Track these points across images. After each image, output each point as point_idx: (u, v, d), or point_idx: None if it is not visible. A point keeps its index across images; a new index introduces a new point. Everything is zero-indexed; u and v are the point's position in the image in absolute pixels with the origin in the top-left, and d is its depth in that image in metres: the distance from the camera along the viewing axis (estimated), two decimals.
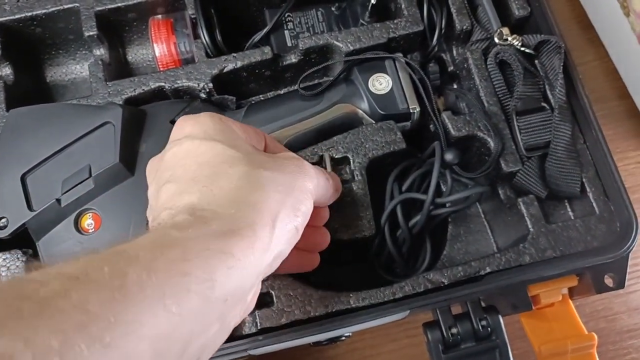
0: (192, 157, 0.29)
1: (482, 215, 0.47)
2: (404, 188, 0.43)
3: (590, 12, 0.58)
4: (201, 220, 0.25)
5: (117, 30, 0.48)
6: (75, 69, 0.50)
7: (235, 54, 0.43)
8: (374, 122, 0.43)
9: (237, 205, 0.26)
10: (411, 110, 0.43)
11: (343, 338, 0.41)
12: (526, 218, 0.39)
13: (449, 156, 0.41)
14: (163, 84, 0.43)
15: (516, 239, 0.41)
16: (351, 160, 0.41)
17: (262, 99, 0.47)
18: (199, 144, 0.29)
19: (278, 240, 0.27)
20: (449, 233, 0.46)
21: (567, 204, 0.42)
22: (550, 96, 0.42)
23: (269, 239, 0.27)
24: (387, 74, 0.44)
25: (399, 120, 0.43)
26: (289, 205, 0.28)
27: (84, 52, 0.49)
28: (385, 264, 0.43)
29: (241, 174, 0.28)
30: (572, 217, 0.42)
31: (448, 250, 0.46)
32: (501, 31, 0.42)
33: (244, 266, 0.25)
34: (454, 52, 0.46)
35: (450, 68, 0.47)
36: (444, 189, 0.45)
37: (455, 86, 0.47)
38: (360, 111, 0.43)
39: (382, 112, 0.42)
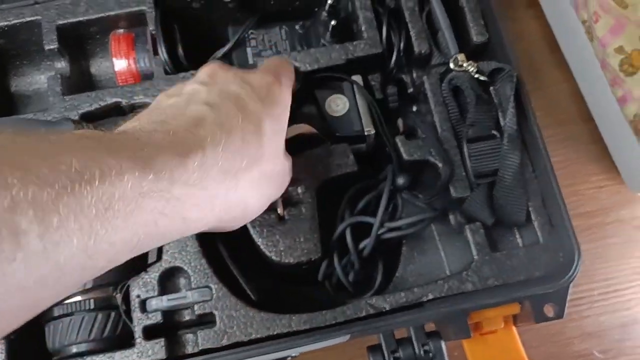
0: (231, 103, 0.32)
1: (437, 238, 0.47)
2: (357, 210, 0.43)
3: (558, 34, 0.58)
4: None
5: (80, 43, 0.48)
6: (40, 79, 0.50)
7: (193, 72, 0.43)
8: (328, 143, 0.43)
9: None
10: (366, 133, 0.43)
11: (289, 358, 0.42)
12: (471, 245, 0.40)
13: (400, 180, 0.42)
14: (120, 99, 0.43)
15: (464, 264, 0.42)
16: (302, 182, 0.41)
17: None
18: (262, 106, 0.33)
19: None
20: (402, 255, 0.46)
21: (516, 231, 0.43)
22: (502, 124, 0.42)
23: None
24: (344, 95, 0.44)
25: (354, 142, 0.43)
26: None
27: (48, 63, 0.49)
28: (336, 285, 0.44)
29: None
30: (521, 245, 0.42)
31: (401, 272, 0.46)
32: (457, 57, 0.43)
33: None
34: (414, 74, 0.47)
35: (410, 90, 0.47)
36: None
37: (415, 108, 0.47)
38: (316, 132, 0.43)
39: (337, 134, 0.43)
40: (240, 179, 0.30)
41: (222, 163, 0.29)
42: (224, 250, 0.41)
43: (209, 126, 0.29)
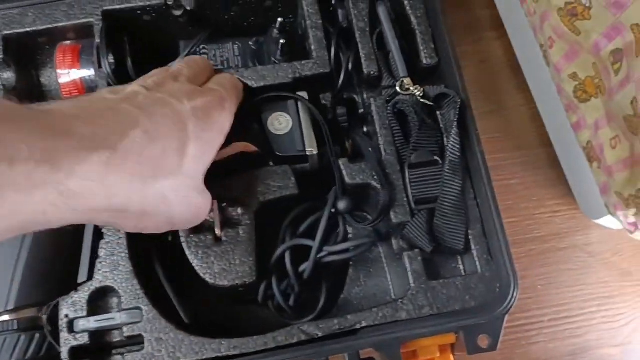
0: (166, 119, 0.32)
1: (384, 261, 0.46)
2: (299, 232, 0.43)
3: (520, 57, 0.58)
4: None
5: (29, 53, 0.47)
6: None
7: None
8: (270, 162, 0.42)
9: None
10: (308, 153, 0.42)
11: None
12: (409, 273, 0.39)
13: (341, 205, 0.41)
14: None
15: (404, 290, 0.41)
16: (241, 203, 0.41)
17: None
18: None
19: None
20: (349, 277, 0.46)
21: (459, 258, 0.42)
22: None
23: None
24: (288, 113, 0.43)
25: (296, 162, 0.43)
26: None
27: None
28: (278, 307, 0.43)
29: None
30: (463, 272, 0.42)
31: (346, 294, 0.46)
32: (403, 81, 0.42)
33: None
34: (365, 95, 0.46)
35: (361, 110, 0.47)
36: (350, 234, 0.45)
37: (365, 129, 0.47)
38: (258, 150, 0.43)
39: (279, 154, 0.42)
40: (147, 186, 0.30)
41: (131, 166, 0.29)
42: (160, 269, 0.41)
43: (133, 129, 0.29)
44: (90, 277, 0.38)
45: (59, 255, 0.39)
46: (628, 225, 0.46)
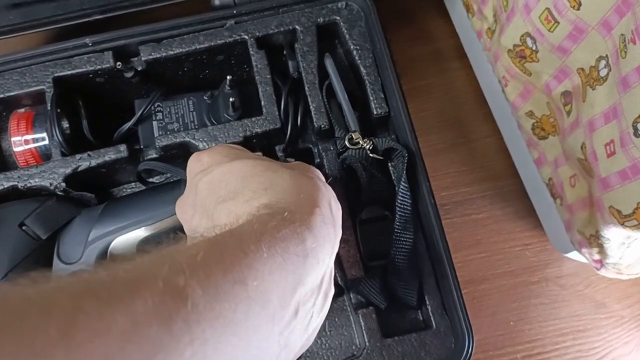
0: (231, 175, 0.29)
1: (348, 310, 0.46)
2: None
3: (484, 87, 0.57)
4: (289, 221, 0.26)
5: None
6: None
7: (90, 152, 0.43)
8: None
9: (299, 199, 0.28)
10: None
11: None
12: (363, 331, 0.39)
13: None
14: (16, 183, 0.43)
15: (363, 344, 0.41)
16: None
17: (125, 192, 0.47)
18: (230, 164, 0.30)
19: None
20: None
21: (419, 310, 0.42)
22: None
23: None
24: None
25: None
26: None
27: None
28: None
29: (289, 174, 0.29)
30: (422, 323, 0.41)
31: (312, 344, 0.45)
32: (351, 135, 0.42)
33: None
34: (319, 146, 0.46)
35: (317, 160, 0.47)
36: None
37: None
38: None
39: None
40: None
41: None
42: None
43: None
44: None
45: None
46: (594, 262, 0.46)
